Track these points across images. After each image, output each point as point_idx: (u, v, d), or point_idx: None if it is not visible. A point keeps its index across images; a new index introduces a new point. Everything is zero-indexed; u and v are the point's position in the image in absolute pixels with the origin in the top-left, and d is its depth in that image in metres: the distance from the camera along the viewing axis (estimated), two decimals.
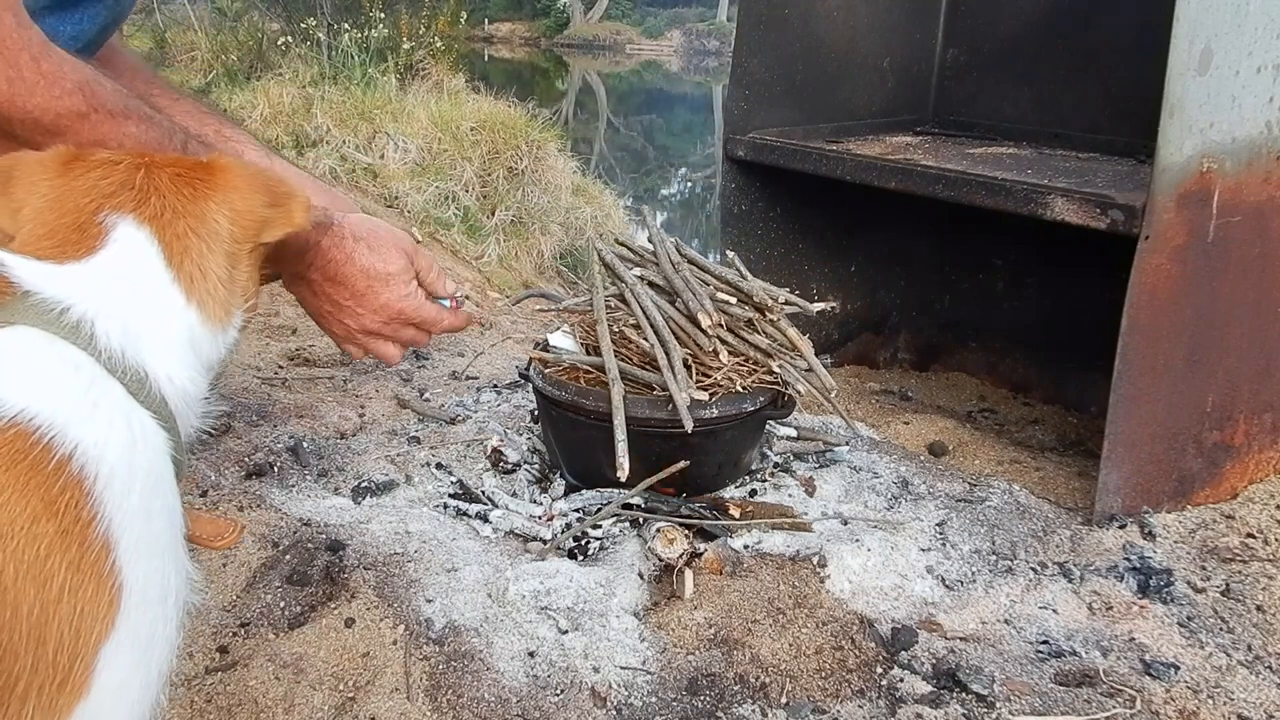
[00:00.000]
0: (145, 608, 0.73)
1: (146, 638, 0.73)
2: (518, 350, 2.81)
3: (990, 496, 1.88)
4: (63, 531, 0.67)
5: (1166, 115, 1.59)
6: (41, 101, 1.00)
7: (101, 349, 0.78)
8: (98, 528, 0.69)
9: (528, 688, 1.34)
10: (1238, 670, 1.42)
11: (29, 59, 0.99)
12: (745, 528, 1.70)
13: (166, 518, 0.78)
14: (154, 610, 0.74)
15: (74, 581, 0.67)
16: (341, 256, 1.24)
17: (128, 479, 0.73)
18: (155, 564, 0.75)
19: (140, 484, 0.75)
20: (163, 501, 0.78)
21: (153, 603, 0.74)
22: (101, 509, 0.70)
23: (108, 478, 0.71)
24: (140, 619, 0.72)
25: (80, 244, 0.83)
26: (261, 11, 7.23)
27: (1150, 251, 1.65)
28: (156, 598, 0.75)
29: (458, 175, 5.51)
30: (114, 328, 0.80)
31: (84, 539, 0.68)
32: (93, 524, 0.69)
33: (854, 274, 2.78)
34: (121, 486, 0.72)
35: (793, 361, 1.76)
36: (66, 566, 0.67)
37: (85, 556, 0.68)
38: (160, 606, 0.75)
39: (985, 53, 2.71)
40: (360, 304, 1.27)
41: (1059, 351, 2.57)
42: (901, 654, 1.44)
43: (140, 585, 0.72)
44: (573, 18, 31.11)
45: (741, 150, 2.42)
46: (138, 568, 0.72)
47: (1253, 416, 1.90)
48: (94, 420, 0.74)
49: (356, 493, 1.83)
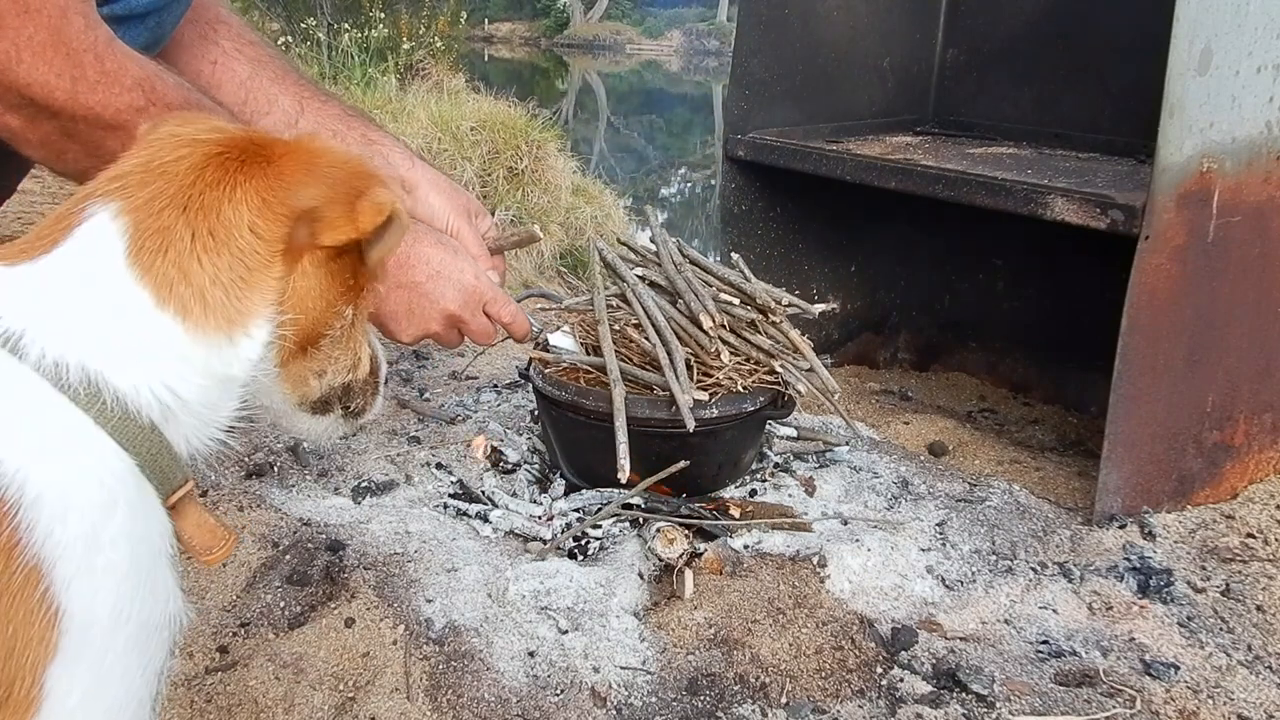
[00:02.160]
0: (93, 631, 0.70)
1: (101, 656, 0.71)
2: (518, 350, 2.81)
3: (990, 496, 1.88)
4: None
5: (1166, 115, 1.59)
6: (103, 98, 1.01)
7: (36, 364, 0.71)
8: (23, 554, 0.66)
9: (528, 688, 1.34)
10: (1238, 670, 1.42)
11: (93, 58, 1.01)
12: (745, 528, 1.70)
13: (126, 542, 0.73)
14: (109, 634, 0.71)
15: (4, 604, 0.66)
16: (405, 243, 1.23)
17: (61, 503, 0.69)
18: (106, 588, 0.71)
19: (80, 508, 0.70)
20: (118, 526, 0.73)
21: (106, 628, 0.71)
22: (27, 535, 0.66)
23: (33, 502, 0.67)
24: (90, 639, 0.69)
25: (44, 240, 0.75)
26: (261, 11, 7.23)
27: (1150, 251, 1.65)
28: (110, 624, 0.71)
29: (458, 175, 5.50)
30: (52, 338, 0.72)
31: (7, 564, 0.66)
32: (16, 549, 0.66)
33: (854, 274, 2.78)
34: (53, 511, 0.68)
35: (794, 362, 1.76)
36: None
37: (12, 583, 0.66)
38: (120, 631, 0.72)
39: (985, 53, 2.71)
40: (429, 289, 1.32)
41: (1059, 351, 2.57)
42: (901, 654, 1.44)
43: (83, 611, 0.69)
44: (573, 18, 31.11)
45: (741, 150, 2.42)
46: (80, 593, 0.69)
47: (1253, 416, 1.90)
48: (14, 444, 0.68)
49: (356, 493, 1.83)
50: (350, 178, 0.82)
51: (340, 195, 0.80)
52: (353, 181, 0.81)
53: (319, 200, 0.79)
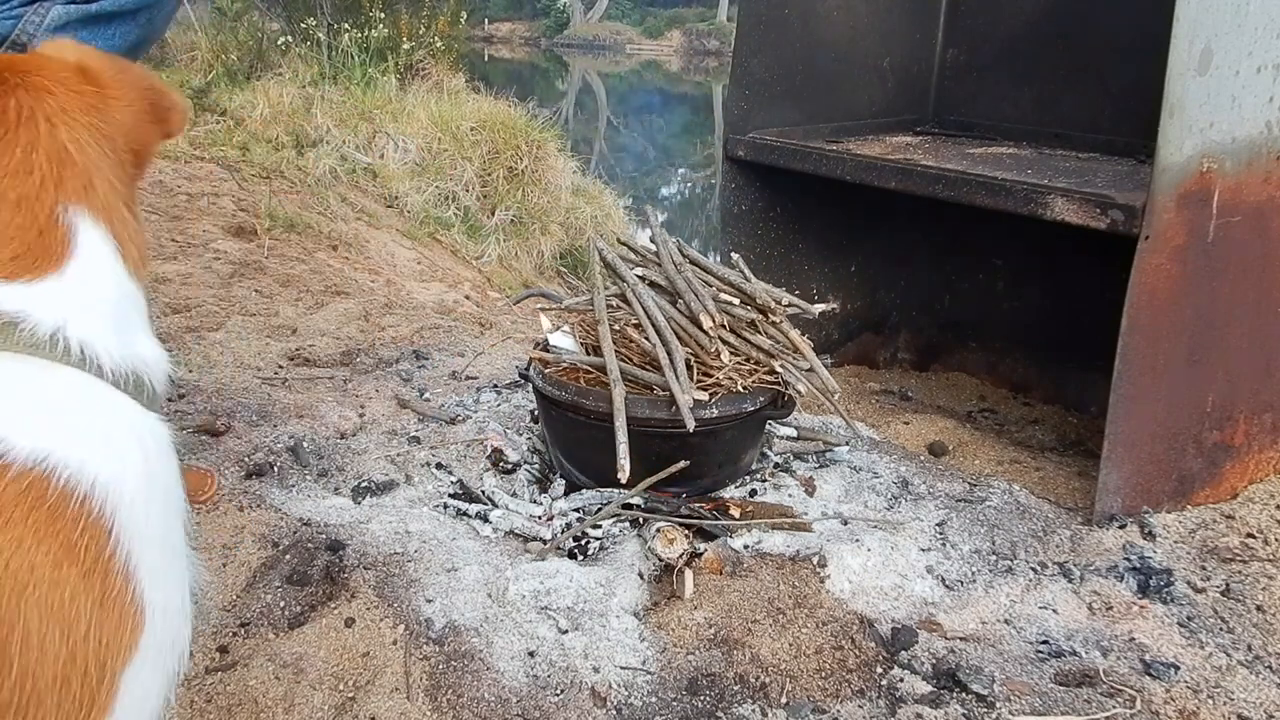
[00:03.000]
0: (165, 620, 0.72)
1: (165, 647, 0.73)
2: (518, 350, 2.81)
3: (990, 496, 1.88)
4: (85, 574, 0.66)
5: (1166, 115, 1.59)
6: None
7: (90, 361, 0.74)
8: (118, 561, 0.68)
9: (528, 687, 1.34)
10: (1238, 670, 1.42)
11: None
12: (745, 528, 1.70)
13: (179, 521, 0.76)
14: (172, 620, 0.73)
15: (99, 618, 0.66)
16: None
17: (146, 504, 0.71)
18: (172, 576, 0.74)
19: (158, 503, 0.73)
20: (176, 504, 0.76)
21: (172, 613, 0.73)
22: (121, 542, 0.68)
23: (128, 509, 0.69)
24: (160, 634, 0.71)
25: (46, 253, 0.76)
26: (261, 11, 7.22)
27: (1150, 251, 1.65)
28: (176, 608, 0.74)
29: (458, 175, 5.51)
30: (92, 331, 0.75)
31: (106, 576, 0.67)
32: (114, 558, 0.67)
33: (854, 274, 2.78)
34: (140, 514, 0.70)
35: (794, 362, 1.76)
36: (91, 605, 0.66)
37: (108, 593, 0.67)
38: (177, 614, 0.74)
39: (985, 53, 2.71)
40: None
41: (1059, 351, 2.57)
42: (901, 654, 1.44)
43: (160, 603, 0.71)
44: (573, 18, 31.11)
45: (741, 150, 2.42)
46: (157, 589, 0.71)
47: (1253, 416, 1.90)
48: (106, 449, 0.71)
49: (356, 493, 1.83)
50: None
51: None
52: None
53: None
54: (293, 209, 4.14)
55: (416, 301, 3.57)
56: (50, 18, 1.24)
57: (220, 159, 4.68)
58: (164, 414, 0.80)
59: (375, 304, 3.19)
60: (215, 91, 5.81)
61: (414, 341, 2.84)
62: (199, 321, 2.76)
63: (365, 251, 4.11)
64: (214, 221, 3.74)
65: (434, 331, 2.95)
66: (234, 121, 5.41)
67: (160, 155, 4.52)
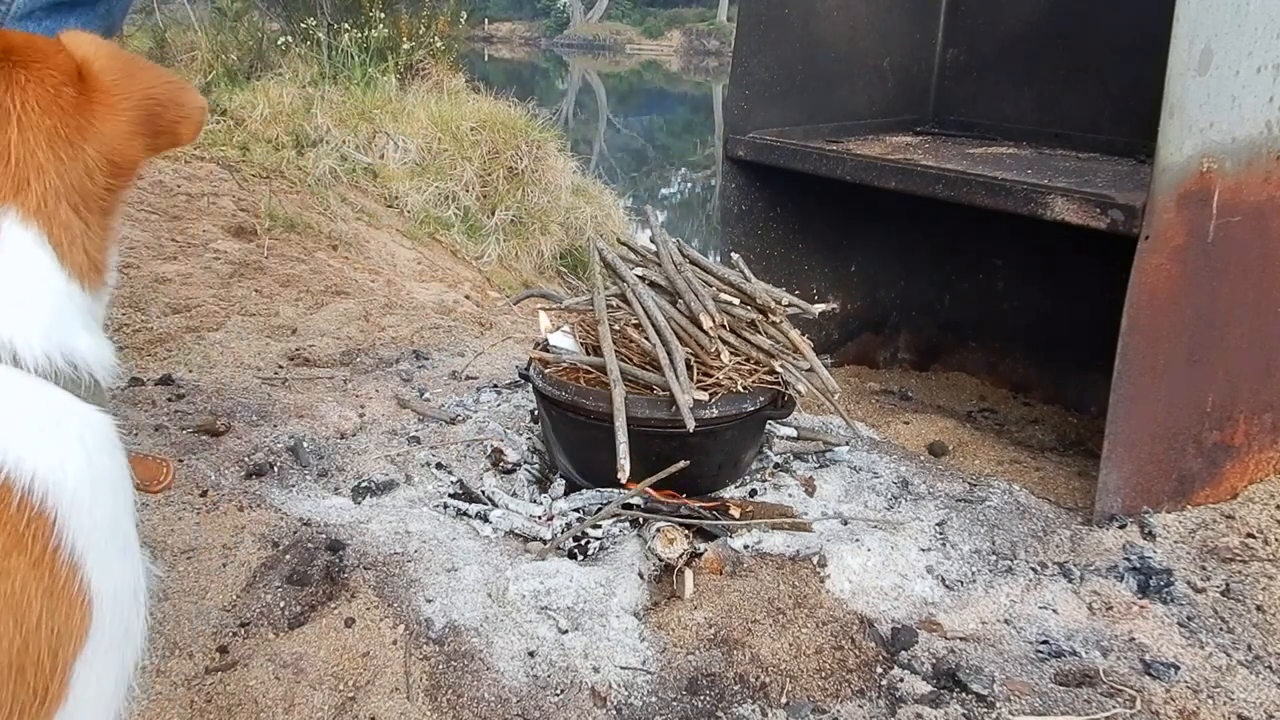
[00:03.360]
0: (115, 609, 0.73)
1: (118, 636, 0.73)
2: (518, 350, 2.81)
3: (990, 496, 1.88)
4: (34, 564, 0.67)
5: (1166, 115, 1.59)
6: None
7: (25, 358, 0.73)
8: (64, 552, 0.68)
9: (528, 687, 1.34)
10: (1238, 670, 1.42)
11: None
12: (745, 528, 1.70)
13: (126, 510, 0.77)
14: (124, 608, 0.74)
15: (48, 606, 0.67)
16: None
17: (90, 494, 0.72)
18: (122, 565, 0.74)
19: (102, 493, 0.73)
20: (122, 494, 0.76)
21: (123, 602, 0.74)
22: (66, 533, 0.69)
23: (70, 499, 0.70)
24: (110, 622, 0.72)
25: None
26: (261, 11, 7.22)
27: (1150, 251, 1.65)
28: (127, 597, 0.74)
29: (458, 175, 5.51)
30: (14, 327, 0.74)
31: (54, 566, 0.68)
32: (60, 549, 0.68)
33: (854, 274, 2.78)
34: (84, 505, 0.71)
35: (794, 362, 1.76)
36: (41, 594, 0.67)
37: (57, 583, 0.68)
38: (129, 603, 0.75)
39: (985, 53, 2.71)
40: None
41: (1059, 351, 2.57)
42: (901, 654, 1.44)
43: (109, 591, 0.72)
44: (573, 18, 31.11)
45: (741, 150, 2.42)
46: (106, 577, 0.71)
47: (1253, 416, 1.90)
48: (43, 442, 0.71)
49: (356, 493, 1.83)
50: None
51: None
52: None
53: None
54: (293, 209, 4.14)
55: (416, 301, 3.57)
56: (17, 4, 1.24)
57: (220, 159, 4.68)
58: (107, 406, 0.80)
59: (375, 304, 3.19)
60: (215, 91, 5.81)
61: (414, 341, 2.84)
62: (199, 321, 2.76)
63: (365, 251, 4.12)
64: (214, 221, 3.74)
65: (434, 331, 2.95)
66: (234, 121, 5.41)
67: (160, 156, 4.53)
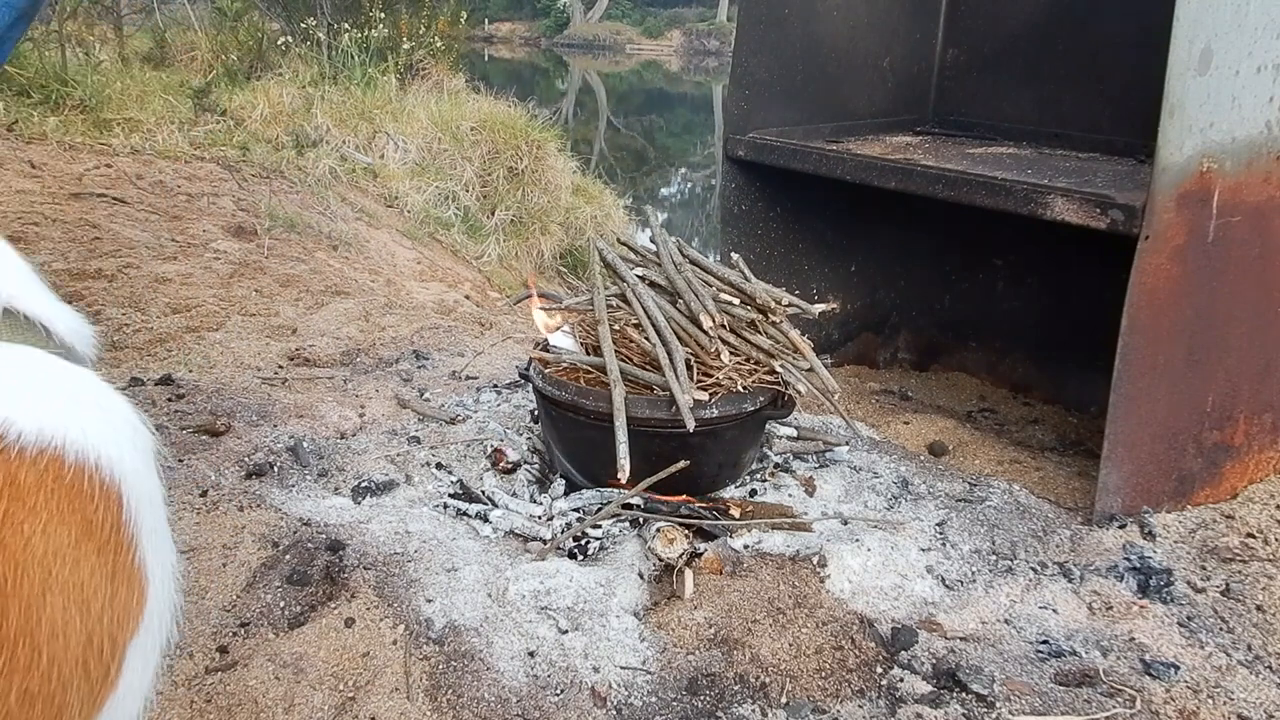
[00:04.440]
0: (163, 587, 0.71)
1: (164, 615, 0.71)
2: (518, 350, 2.81)
3: (990, 496, 1.88)
4: (100, 549, 0.64)
5: (1166, 115, 1.59)
6: None
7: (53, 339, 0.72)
8: (128, 531, 0.66)
9: (528, 687, 1.34)
10: (1238, 670, 1.42)
11: None
12: (745, 528, 1.70)
13: (160, 485, 0.75)
14: (168, 585, 0.72)
15: (111, 591, 0.65)
16: None
17: (143, 465, 0.70)
18: (166, 539, 0.73)
19: (150, 463, 0.72)
20: (158, 470, 0.74)
21: (168, 578, 0.72)
22: (128, 509, 0.67)
23: (132, 473, 0.68)
24: (159, 601, 0.70)
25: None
26: (261, 11, 7.22)
27: (1150, 251, 1.65)
28: (169, 572, 0.72)
29: (458, 175, 5.51)
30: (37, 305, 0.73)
31: (119, 547, 0.66)
32: (125, 528, 0.66)
33: (854, 274, 2.78)
34: (136, 480, 0.69)
35: (794, 362, 1.76)
36: (105, 580, 0.64)
37: (120, 566, 0.65)
38: (171, 579, 0.73)
39: (985, 53, 2.71)
40: None
41: (1059, 351, 2.57)
42: (901, 654, 1.44)
43: (159, 568, 0.70)
44: (573, 18, 31.12)
45: (741, 150, 2.42)
46: (156, 553, 0.70)
47: (1253, 416, 1.90)
48: (98, 416, 0.69)
49: (356, 493, 1.83)
50: None
51: None
52: None
53: None
54: (293, 209, 4.14)
55: (416, 301, 3.57)
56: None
57: (220, 159, 4.68)
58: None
59: (375, 304, 3.19)
60: (215, 91, 5.82)
61: (414, 341, 2.84)
62: (199, 321, 2.76)
63: (365, 251, 4.11)
64: (214, 221, 3.75)
65: (434, 331, 2.95)
66: (234, 121, 5.42)
67: (161, 155, 4.53)
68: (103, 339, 2.56)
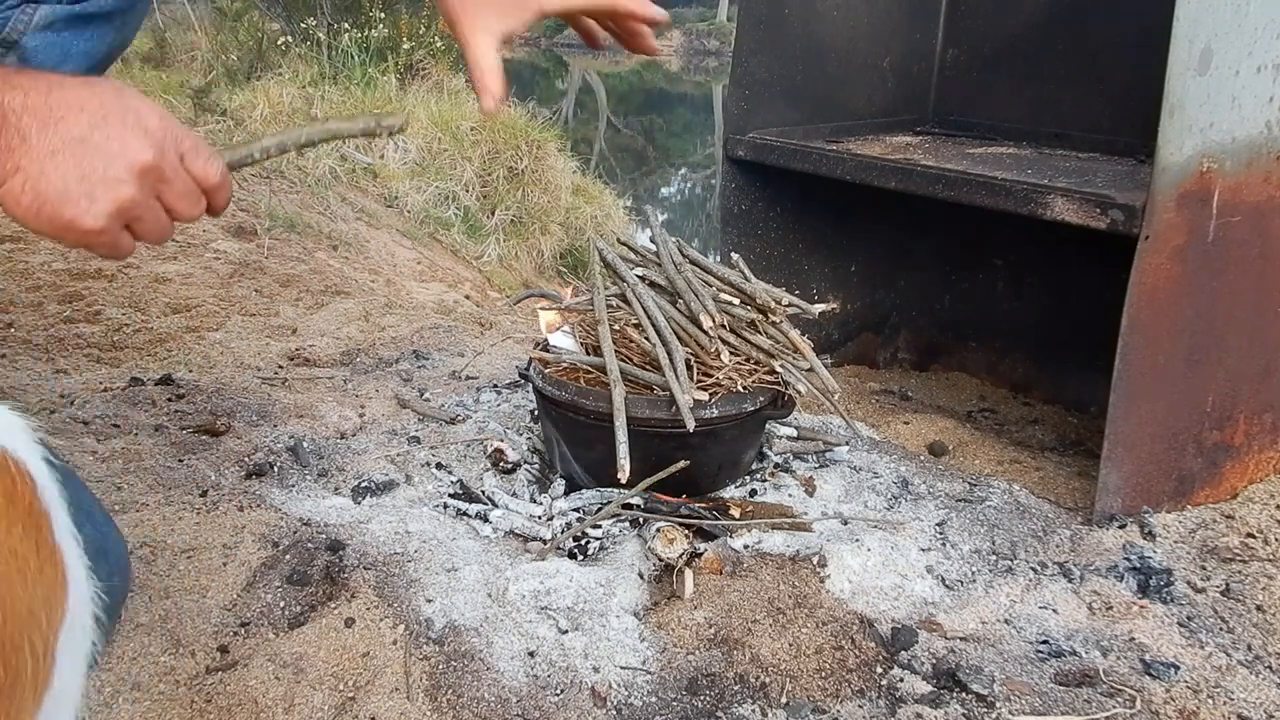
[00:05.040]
0: (79, 593, 0.67)
1: (82, 622, 0.68)
2: (518, 350, 2.81)
3: (990, 496, 1.88)
4: (23, 520, 0.61)
5: (1166, 115, 1.59)
6: None
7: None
8: (41, 510, 0.63)
9: (528, 687, 1.34)
10: (1238, 670, 1.42)
11: None
12: (745, 528, 1.70)
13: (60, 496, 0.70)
14: (82, 593, 0.68)
15: (37, 565, 0.62)
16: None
17: (42, 466, 0.66)
18: (75, 550, 0.68)
19: (45, 468, 0.68)
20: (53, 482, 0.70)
21: (81, 585, 0.68)
22: (41, 494, 0.64)
23: (36, 464, 0.65)
24: (78, 603, 0.67)
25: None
26: (261, 11, 7.22)
27: (1150, 251, 1.65)
28: (82, 583, 0.68)
29: (458, 175, 5.51)
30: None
31: (39, 525, 0.62)
32: (38, 507, 0.63)
33: (854, 274, 2.78)
34: (41, 473, 0.66)
35: (794, 362, 1.76)
36: (31, 549, 0.61)
37: (42, 541, 0.62)
38: (85, 591, 0.69)
39: (985, 53, 2.71)
40: (100, 140, 0.93)
41: (1059, 351, 2.57)
42: (901, 654, 1.44)
43: (76, 572, 0.67)
44: None
45: (741, 150, 2.42)
46: (70, 553, 0.66)
47: (1253, 416, 1.90)
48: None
49: (356, 493, 1.83)
50: None
51: None
52: None
53: None
54: (293, 209, 4.14)
55: (416, 301, 3.57)
56: (38, 17, 1.24)
57: None
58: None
59: (375, 304, 3.19)
60: (215, 91, 5.82)
61: (414, 341, 2.84)
62: (199, 321, 2.76)
63: (365, 251, 4.12)
64: (214, 221, 3.75)
65: (434, 331, 2.95)
66: (234, 121, 5.42)
67: None
68: (103, 339, 2.56)
